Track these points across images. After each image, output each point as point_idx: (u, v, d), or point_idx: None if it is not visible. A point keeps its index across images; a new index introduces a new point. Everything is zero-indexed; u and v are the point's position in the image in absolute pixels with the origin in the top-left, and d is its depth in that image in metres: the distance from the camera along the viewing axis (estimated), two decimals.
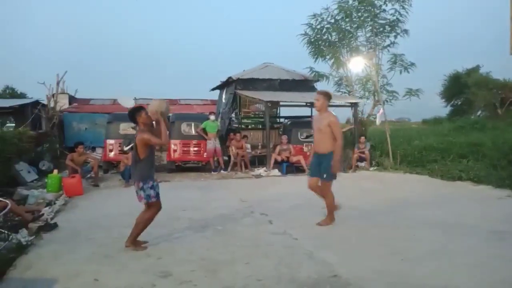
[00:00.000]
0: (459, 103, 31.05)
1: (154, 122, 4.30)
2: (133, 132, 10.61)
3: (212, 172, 10.71)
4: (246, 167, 11.26)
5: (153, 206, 4.22)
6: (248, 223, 5.24)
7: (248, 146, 12.11)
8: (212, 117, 11.32)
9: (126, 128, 10.77)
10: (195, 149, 11.04)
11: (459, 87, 29.24)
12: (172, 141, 10.97)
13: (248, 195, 7.33)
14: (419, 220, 5.31)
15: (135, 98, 18.01)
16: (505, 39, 7.89)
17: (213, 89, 16.95)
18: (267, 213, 5.71)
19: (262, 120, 14.25)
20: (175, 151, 10.86)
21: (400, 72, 13.32)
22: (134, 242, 4.17)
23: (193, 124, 11.30)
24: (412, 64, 13.24)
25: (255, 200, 6.76)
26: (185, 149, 10.98)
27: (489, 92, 25.71)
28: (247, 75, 14.39)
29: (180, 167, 11.07)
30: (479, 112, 28.47)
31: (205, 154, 10.98)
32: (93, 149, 12.34)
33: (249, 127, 14.93)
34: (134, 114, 4.23)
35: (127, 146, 9.44)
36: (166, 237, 4.58)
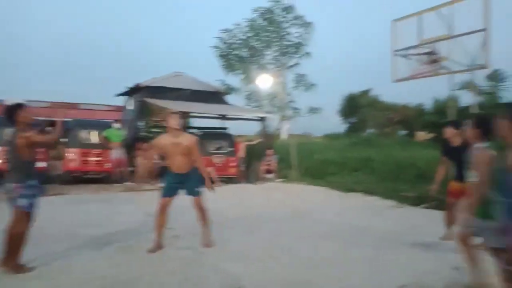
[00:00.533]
0: (354, 121, 34.61)
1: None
2: None
3: (116, 184, 10.10)
4: (153, 179, 10.86)
5: (22, 217, 3.69)
6: (153, 238, 5.06)
7: (156, 156, 11.72)
8: (117, 125, 10.72)
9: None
10: (97, 158, 10.31)
11: (354, 107, 32.68)
12: (70, 150, 10.11)
13: (155, 208, 7.08)
14: (320, 229, 5.75)
15: (25, 100, 16.11)
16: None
17: (119, 95, 16.06)
18: (175, 227, 5.58)
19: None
20: (72, 160, 9.98)
21: (303, 91, 14.44)
22: (15, 265, 3.62)
23: (95, 132, 10.55)
24: (313, 84, 14.47)
25: None
26: (85, 158, 10.18)
27: (378, 113, 29.24)
28: (157, 83, 14.00)
29: (79, 179, 10.20)
30: (371, 130, 32.06)
31: (107, 164, 10.31)
32: None
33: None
34: (13, 112, 3.69)
35: None
36: (61, 255, 4.16)
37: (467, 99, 17.10)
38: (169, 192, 4.73)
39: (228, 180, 11.33)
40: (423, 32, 7.76)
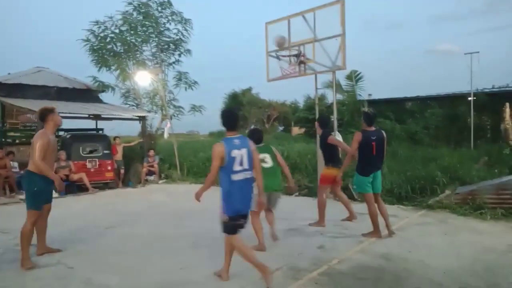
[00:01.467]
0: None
1: None
2: None
3: None
4: (12, 190, 9.37)
5: None
6: (13, 258, 4.34)
7: (16, 164, 10.12)
8: None
9: None
10: None
11: (237, 104, 33.76)
12: None
13: (14, 224, 6.07)
14: (200, 228, 5.74)
15: None
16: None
17: None
18: (35, 243, 4.90)
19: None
20: None
21: (186, 89, 14.23)
22: None
23: None
24: (195, 82, 14.39)
25: (17, 230, 5.68)
26: None
27: (259, 110, 30.81)
28: (13, 79, 12.11)
29: None
30: (252, 126, 33.56)
31: None
32: None
33: (17, 141, 12.56)
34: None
35: None
36: None
37: (331, 96, 19.32)
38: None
39: (104, 185, 10.48)
40: (292, 35, 8.39)
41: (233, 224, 3.50)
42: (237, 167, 3.45)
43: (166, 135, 13.71)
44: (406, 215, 6.41)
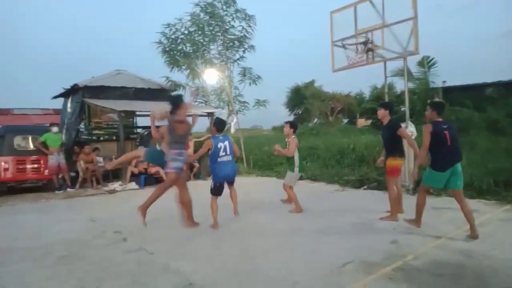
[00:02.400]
0: (300, 112, 35.49)
1: None
2: None
3: (56, 192, 9.50)
4: (98, 183, 10.39)
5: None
6: (99, 244, 4.85)
7: (100, 159, 11.20)
8: (55, 128, 10.06)
9: None
10: (34, 166, 9.62)
11: (299, 98, 33.48)
12: (2, 159, 9.34)
13: (100, 213, 6.80)
14: (267, 218, 5.87)
15: None
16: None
17: (56, 97, 15.06)
18: (121, 231, 5.41)
19: (116, 130, 13.39)
20: (6, 169, 9.23)
21: (250, 84, 14.50)
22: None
23: (30, 138, 9.82)
24: (259, 77, 14.57)
25: (107, 218, 6.31)
26: (20, 166, 9.46)
27: (322, 103, 30.22)
28: (96, 82, 13.30)
29: (14, 188, 9.46)
30: (315, 120, 33.09)
31: (46, 171, 9.67)
32: None
33: (101, 138, 13.83)
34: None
35: None
36: None
37: (401, 85, 18.22)
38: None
39: None
40: (359, 22, 8.09)
41: (218, 188, 5.56)
42: (221, 153, 5.46)
43: (232, 130, 14.12)
44: (488, 210, 5.90)
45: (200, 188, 9.35)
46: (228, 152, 5.49)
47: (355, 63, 8.06)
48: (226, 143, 5.49)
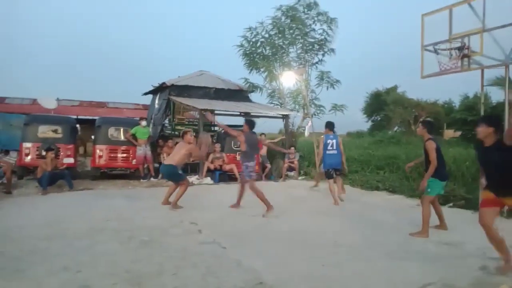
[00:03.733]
0: (379, 118, 33.86)
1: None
2: (53, 135, 9.94)
3: (142, 180, 10.34)
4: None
5: None
6: (177, 233, 5.16)
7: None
8: (143, 122, 10.96)
9: (45, 131, 9.98)
10: (123, 155, 10.60)
11: (379, 104, 31.93)
12: (98, 146, 10.42)
13: (179, 204, 7.21)
14: (340, 226, 5.69)
15: (57, 99, 16.78)
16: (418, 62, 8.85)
17: (146, 93, 16.41)
18: (197, 222, 5.68)
19: (196, 127, 14.13)
20: (100, 156, 10.30)
21: (327, 88, 14.24)
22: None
23: (122, 129, 10.84)
24: (338, 81, 14.24)
25: (184, 209, 6.68)
26: (112, 155, 10.48)
27: (404, 110, 28.45)
28: (182, 81, 14.21)
29: (106, 174, 10.51)
30: (395, 128, 31.30)
31: (134, 161, 10.57)
32: (7, 152, 11.18)
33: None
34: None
35: (45, 150, 8.70)
36: (86, 249, 4.31)
37: (497, 96, 16.37)
38: None
39: None
40: (454, 26, 7.48)
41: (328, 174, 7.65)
42: (329, 148, 7.64)
43: (306, 134, 14.00)
44: None
45: (274, 190, 9.34)
46: (335, 147, 7.60)
47: (448, 70, 7.43)
48: (335, 141, 7.63)
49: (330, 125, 7.92)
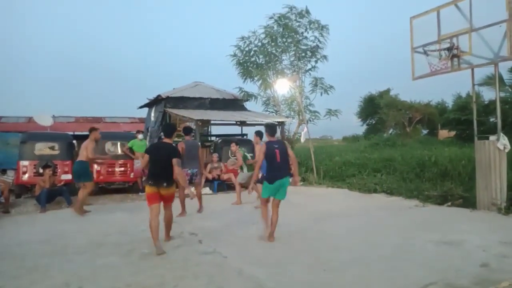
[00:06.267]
0: (374, 122, 33.96)
1: None
2: (51, 152, 9.92)
3: (140, 193, 10.30)
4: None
5: None
6: (177, 244, 5.15)
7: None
8: (140, 135, 10.97)
9: (42, 148, 9.97)
10: (121, 169, 10.57)
11: (373, 108, 32.06)
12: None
13: (178, 214, 7.20)
14: (340, 231, 5.71)
15: (53, 116, 16.78)
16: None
17: (141, 107, 16.47)
18: (197, 233, 5.68)
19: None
20: (98, 172, 10.27)
21: (321, 94, 14.36)
22: None
23: (119, 143, 10.83)
24: (331, 87, 14.36)
25: (184, 220, 6.67)
26: (110, 169, 10.45)
27: (398, 112, 28.57)
28: (177, 93, 14.29)
29: (104, 189, 10.48)
30: (390, 130, 31.37)
31: (132, 174, 10.56)
32: (3, 171, 11.15)
33: None
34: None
35: (42, 167, 8.67)
36: (87, 264, 4.30)
37: (488, 94, 16.55)
38: None
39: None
40: (442, 27, 7.60)
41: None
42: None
43: (302, 140, 14.05)
44: None
45: None
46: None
47: (438, 71, 7.54)
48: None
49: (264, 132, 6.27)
